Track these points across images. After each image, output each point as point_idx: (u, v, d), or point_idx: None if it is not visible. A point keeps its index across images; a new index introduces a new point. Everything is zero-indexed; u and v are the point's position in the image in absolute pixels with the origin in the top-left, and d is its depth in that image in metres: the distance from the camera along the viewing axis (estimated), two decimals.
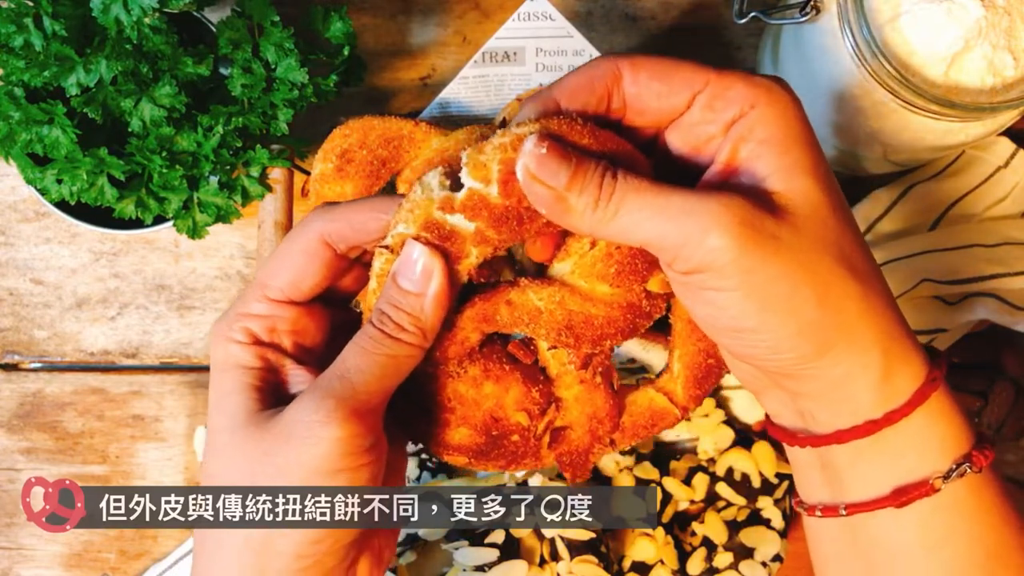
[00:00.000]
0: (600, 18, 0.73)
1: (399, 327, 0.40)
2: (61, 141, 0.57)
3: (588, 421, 0.45)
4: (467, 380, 0.43)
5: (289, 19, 0.60)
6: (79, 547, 0.74)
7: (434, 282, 0.39)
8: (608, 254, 0.42)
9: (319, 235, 0.42)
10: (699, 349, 0.46)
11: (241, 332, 0.42)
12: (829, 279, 0.38)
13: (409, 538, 0.66)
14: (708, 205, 0.36)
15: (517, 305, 0.42)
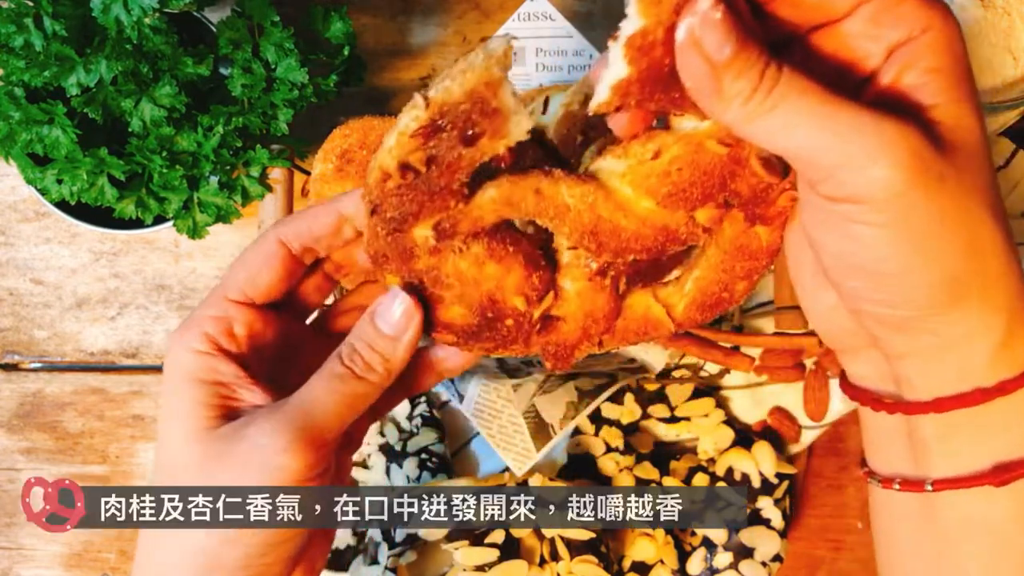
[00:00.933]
0: (600, 18, 0.73)
1: (368, 367, 0.40)
2: (61, 141, 0.57)
3: (584, 318, 0.44)
4: (470, 257, 0.41)
5: (289, 19, 0.60)
6: (79, 547, 0.74)
7: (411, 330, 0.40)
8: (667, 172, 0.39)
9: (275, 236, 0.43)
10: (718, 279, 0.44)
11: (198, 338, 0.42)
12: (980, 228, 0.34)
13: (409, 538, 0.66)
14: (882, 127, 0.32)
15: (546, 196, 0.40)
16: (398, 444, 0.69)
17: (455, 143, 0.38)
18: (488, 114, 0.38)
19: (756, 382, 0.72)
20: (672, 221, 0.40)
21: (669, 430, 0.71)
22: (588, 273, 0.43)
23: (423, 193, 0.39)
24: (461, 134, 0.38)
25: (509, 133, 0.38)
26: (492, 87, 0.38)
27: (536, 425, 0.65)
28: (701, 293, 0.44)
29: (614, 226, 0.40)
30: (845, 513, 0.73)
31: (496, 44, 0.38)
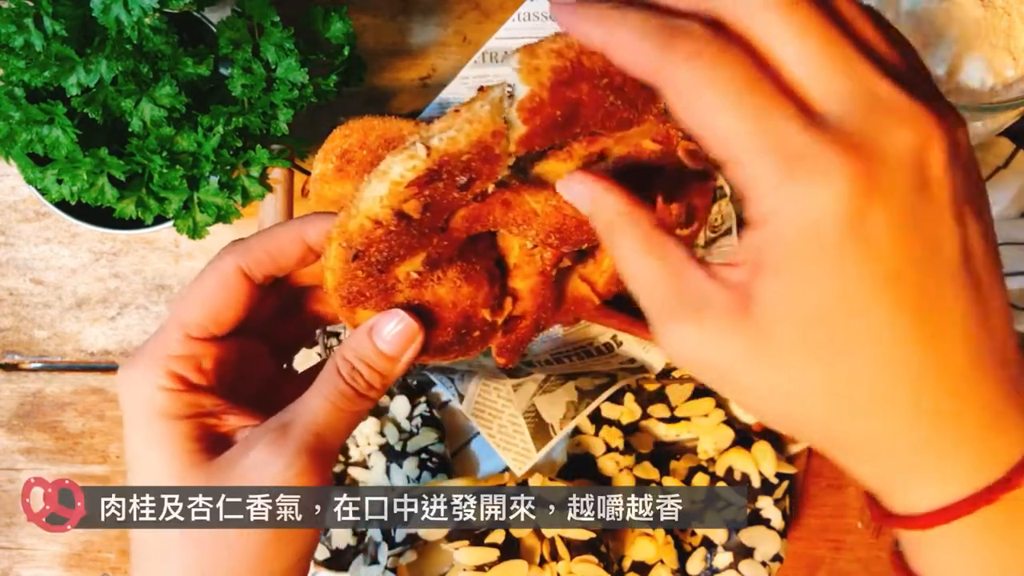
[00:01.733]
0: None
1: (370, 386, 0.41)
2: (61, 141, 0.57)
3: (537, 311, 0.46)
4: (448, 283, 0.43)
5: (289, 19, 0.60)
6: (79, 547, 0.74)
7: (411, 350, 0.41)
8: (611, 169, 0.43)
9: (235, 266, 0.42)
10: None
11: (167, 377, 0.41)
12: None
13: (409, 538, 0.66)
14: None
15: (513, 206, 0.42)
16: (398, 444, 0.69)
17: (451, 189, 0.39)
18: (489, 160, 0.39)
19: None
20: None
21: (669, 430, 0.71)
22: (541, 267, 0.45)
23: (413, 237, 0.40)
24: (457, 181, 0.39)
25: (500, 173, 0.39)
26: (498, 136, 0.38)
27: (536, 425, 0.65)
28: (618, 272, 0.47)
29: (578, 221, 0.42)
30: (845, 513, 0.73)
31: (497, 93, 0.38)
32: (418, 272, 0.42)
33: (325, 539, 0.69)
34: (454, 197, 0.39)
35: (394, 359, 0.41)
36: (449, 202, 0.39)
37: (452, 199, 0.39)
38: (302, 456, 0.38)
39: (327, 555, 0.69)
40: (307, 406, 0.40)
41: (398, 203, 0.39)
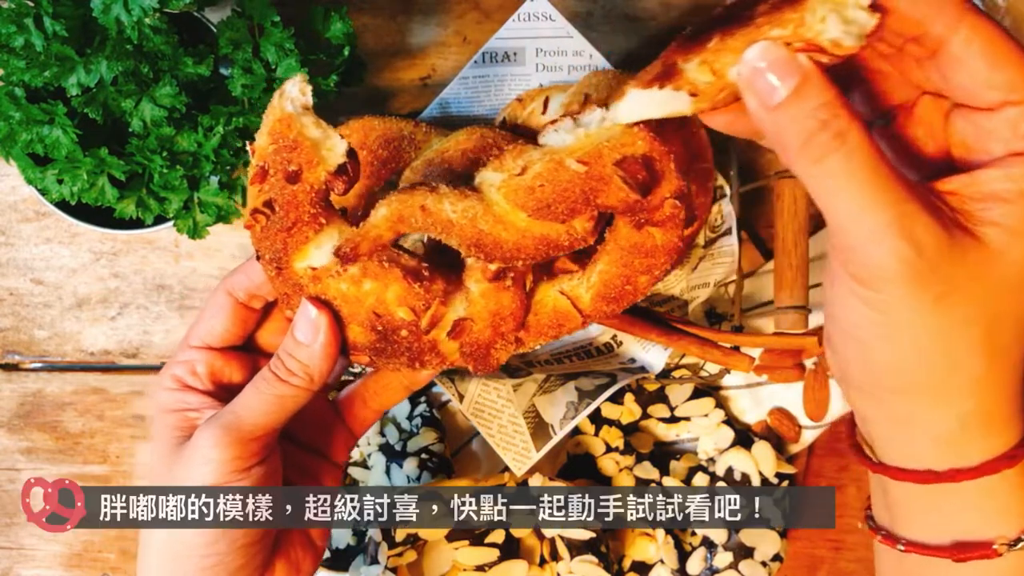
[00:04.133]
0: (600, 19, 0.73)
1: (290, 372, 0.46)
2: (62, 141, 0.57)
3: (491, 316, 0.46)
4: (347, 279, 0.45)
5: (289, 19, 0.60)
6: (79, 547, 0.74)
7: (321, 336, 0.45)
8: (531, 188, 0.42)
9: (223, 288, 0.49)
10: (621, 274, 0.46)
11: (169, 379, 0.49)
12: (961, 354, 0.36)
13: (409, 538, 0.66)
14: (906, 216, 0.33)
15: (431, 212, 0.43)
16: (398, 444, 0.69)
17: (282, 183, 0.43)
18: (294, 149, 0.42)
19: (756, 382, 0.72)
20: (551, 231, 0.43)
21: (669, 430, 0.71)
22: (488, 275, 0.45)
23: (280, 231, 0.44)
24: (284, 173, 0.43)
25: (324, 160, 0.43)
26: (286, 123, 0.42)
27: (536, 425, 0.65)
28: (605, 286, 0.46)
29: (495, 239, 0.43)
30: (845, 513, 0.73)
31: (288, 83, 0.42)
32: (312, 268, 0.45)
33: None
34: (292, 191, 0.43)
35: (304, 344, 0.45)
36: (292, 196, 0.43)
37: (293, 193, 0.43)
38: (217, 430, 0.45)
39: (327, 555, 0.69)
40: (239, 396, 0.47)
41: (252, 202, 0.43)
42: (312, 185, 0.43)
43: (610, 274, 0.46)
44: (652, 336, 0.62)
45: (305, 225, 0.44)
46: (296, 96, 0.42)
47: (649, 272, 0.46)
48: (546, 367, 0.68)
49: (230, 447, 0.45)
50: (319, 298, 0.45)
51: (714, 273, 0.66)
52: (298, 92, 0.42)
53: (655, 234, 0.45)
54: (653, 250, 0.45)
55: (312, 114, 0.43)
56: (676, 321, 0.62)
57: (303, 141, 0.42)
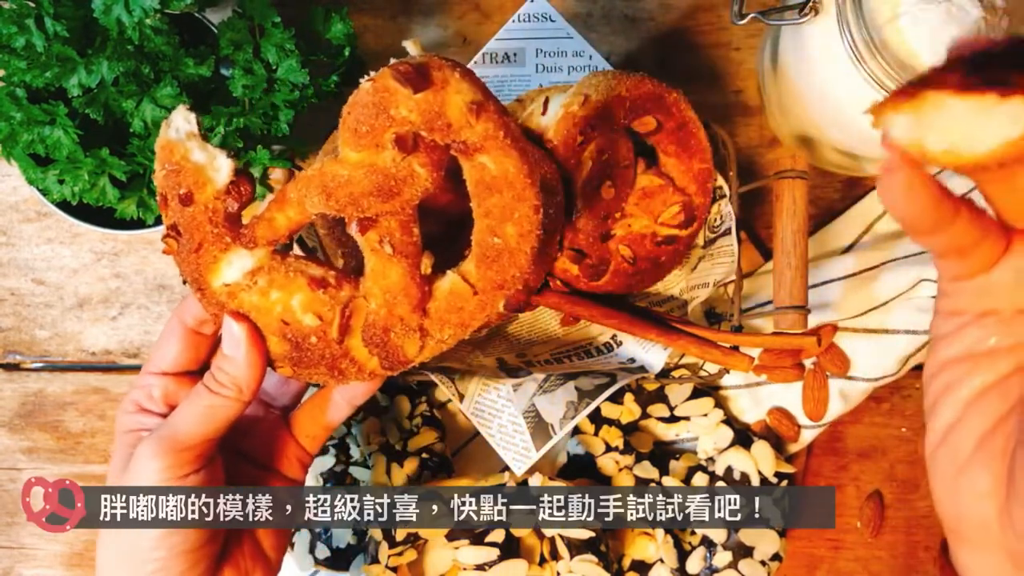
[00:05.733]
0: (600, 19, 0.73)
1: (220, 384, 0.48)
2: (63, 142, 0.57)
3: (382, 294, 0.47)
4: (257, 291, 0.47)
5: (290, 20, 0.60)
6: (80, 547, 0.74)
7: (242, 348, 0.47)
8: (344, 117, 0.44)
9: (176, 315, 0.52)
10: (485, 227, 0.45)
11: (129, 403, 0.52)
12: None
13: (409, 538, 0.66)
14: None
15: (298, 178, 0.45)
16: (398, 444, 0.70)
17: (179, 207, 0.45)
18: (179, 172, 0.45)
19: (755, 382, 0.72)
20: (377, 160, 0.44)
21: (669, 430, 0.71)
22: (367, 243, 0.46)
23: (191, 253, 0.46)
24: (177, 197, 0.45)
25: (210, 180, 0.45)
26: (168, 149, 0.45)
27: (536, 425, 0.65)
28: (479, 246, 0.46)
29: (333, 176, 0.45)
30: (844, 513, 0.73)
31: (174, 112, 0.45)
32: (226, 284, 0.47)
33: (326, 538, 0.69)
34: (190, 213, 0.45)
35: (230, 358, 0.47)
36: (191, 219, 0.45)
37: (191, 216, 0.46)
38: (153, 442, 0.48)
39: (328, 554, 0.69)
40: (175, 410, 0.49)
41: (167, 223, 0.46)
42: (207, 205, 0.45)
43: (479, 232, 0.46)
44: (652, 336, 0.62)
45: (211, 245, 0.46)
46: (180, 124, 0.45)
47: (508, 216, 0.45)
48: (546, 367, 0.68)
49: (165, 456, 0.48)
50: (239, 312, 0.47)
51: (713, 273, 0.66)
52: (182, 120, 0.45)
53: (486, 163, 0.44)
54: (495, 184, 0.44)
55: (197, 138, 0.45)
56: (676, 321, 0.63)
57: (186, 164, 0.45)
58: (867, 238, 0.72)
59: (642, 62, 0.73)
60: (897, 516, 0.72)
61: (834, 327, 0.70)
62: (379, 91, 0.44)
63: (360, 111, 0.44)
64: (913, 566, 0.72)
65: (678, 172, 0.61)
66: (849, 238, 0.72)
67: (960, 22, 0.53)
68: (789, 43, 0.62)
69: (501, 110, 0.44)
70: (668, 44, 0.73)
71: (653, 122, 0.59)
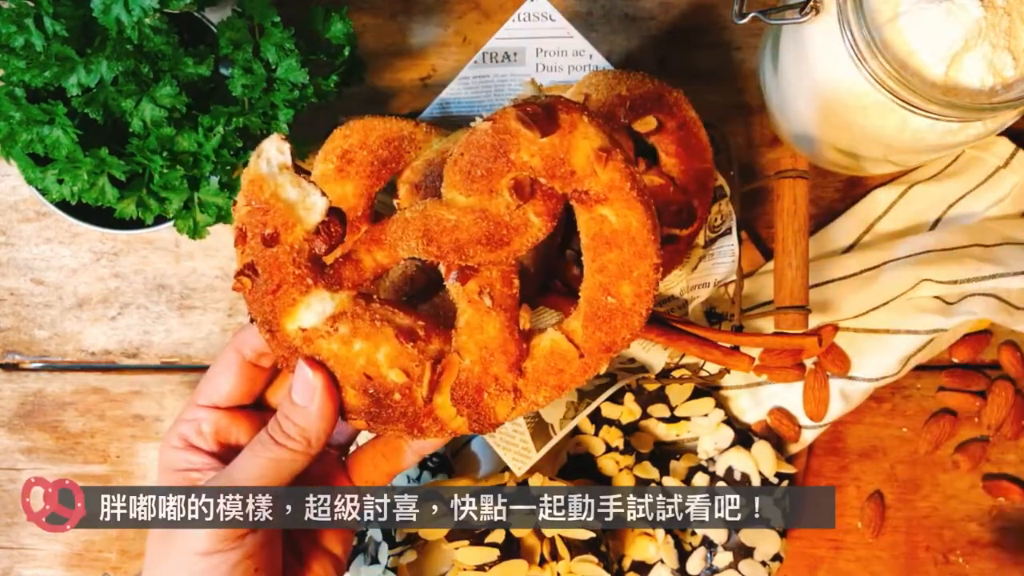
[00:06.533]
0: (600, 18, 0.73)
1: (287, 435, 0.45)
2: (62, 141, 0.57)
3: (478, 350, 0.43)
4: (338, 339, 0.43)
5: (290, 19, 0.60)
6: (80, 547, 0.74)
7: (317, 398, 0.44)
8: (455, 160, 0.42)
9: (233, 347, 0.49)
10: (598, 283, 0.43)
11: (176, 438, 0.49)
12: None
13: (409, 538, 0.66)
14: None
15: (393, 220, 0.43)
16: None
17: (259, 246, 0.42)
18: (267, 212, 0.42)
19: (756, 382, 0.72)
20: (490, 206, 0.42)
21: (669, 430, 0.71)
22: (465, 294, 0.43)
23: (266, 294, 0.43)
24: (260, 237, 0.42)
25: (300, 220, 0.42)
26: (258, 184, 0.41)
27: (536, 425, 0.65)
28: (590, 304, 0.43)
29: (438, 220, 0.42)
30: (845, 513, 0.73)
31: (265, 141, 0.42)
32: (303, 329, 0.43)
33: None
34: (273, 254, 0.42)
35: (300, 407, 0.44)
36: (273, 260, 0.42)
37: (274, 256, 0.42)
38: None
39: None
40: (236, 459, 0.46)
41: (238, 265, 0.42)
42: (292, 246, 0.42)
43: (590, 288, 0.43)
44: (652, 336, 0.62)
45: (291, 287, 0.43)
46: (273, 155, 0.42)
47: (627, 274, 0.42)
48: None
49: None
50: (315, 359, 0.44)
51: (714, 273, 0.66)
52: (275, 151, 0.42)
53: (608, 215, 0.42)
54: (614, 237, 0.42)
55: (290, 172, 0.42)
56: (676, 321, 0.62)
57: (276, 203, 0.41)
58: (868, 238, 0.72)
59: (642, 61, 0.73)
60: (898, 516, 0.72)
61: (835, 327, 0.70)
62: (500, 132, 0.41)
63: (476, 153, 0.41)
64: (914, 567, 0.72)
65: (679, 172, 0.61)
66: (850, 238, 0.72)
67: (960, 21, 0.53)
68: (790, 43, 0.62)
69: (628, 159, 0.42)
70: (669, 43, 0.73)
71: (654, 121, 0.59)
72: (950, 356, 0.72)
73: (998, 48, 0.54)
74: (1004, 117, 0.58)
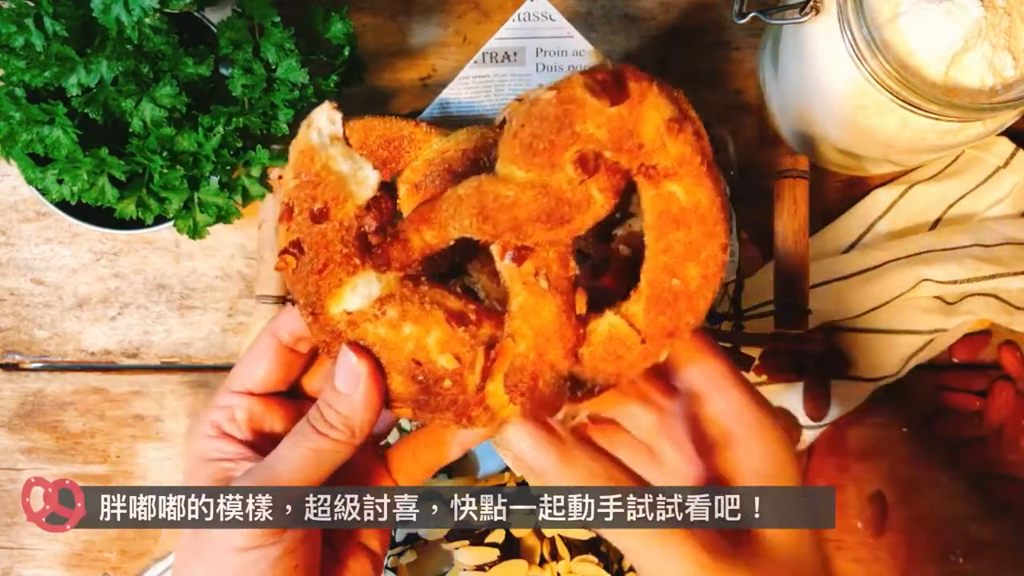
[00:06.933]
0: (600, 18, 0.73)
1: (329, 425, 0.43)
2: (62, 141, 0.57)
3: (533, 335, 0.41)
4: (386, 323, 0.41)
5: (290, 19, 0.60)
6: (80, 547, 0.74)
7: (362, 386, 0.42)
8: (515, 132, 0.39)
9: (268, 330, 0.47)
10: (663, 265, 0.40)
11: (208, 425, 0.46)
12: None
13: (409, 538, 0.66)
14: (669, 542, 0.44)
15: (445, 197, 0.40)
16: None
17: (308, 222, 0.39)
18: (317, 185, 0.39)
19: (756, 382, 0.72)
20: (551, 181, 0.39)
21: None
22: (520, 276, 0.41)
23: (312, 274, 0.40)
24: (309, 212, 0.39)
25: (352, 194, 0.40)
26: (309, 156, 0.39)
27: None
28: (652, 287, 0.41)
29: (495, 196, 0.39)
30: (845, 513, 0.73)
31: (316, 110, 0.39)
32: (348, 312, 0.41)
33: None
34: (321, 230, 0.40)
35: (344, 395, 0.42)
36: (321, 236, 0.40)
37: (322, 232, 0.40)
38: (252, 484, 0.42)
39: None
40: (276, 449, 0.44)
41: (282, 242, 0.40)
42: (342, 223, 0.40)
43: (653, 270, 0.41)
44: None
45: (337, 267, 0.40)
46: (324, 125, 0.39)
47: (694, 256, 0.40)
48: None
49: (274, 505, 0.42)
50: (360, 344, 0.42)
51: None
52: (326, 120, 0.39)
53: (676, 192, 0.39)
54: (684, 217, 0.39)
55: (342, 143, 0.39)
56: None
57: (327, 176, 0.39)
58: (868, 238, 0.72)
59: (643, 61, 0.73)
60: (898, 516, 0.72)
61: (835, 327, 0.70)
62: (565, 102, 0.38)
63: (539, 124, 0.38)
64: (915, 567, 0.72)
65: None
66: (850, 238, 0.72)
67: (960, 21, 0.53)
68: (790, 42, 0.62)
69: (699, 131, 0.39)
70: (668, 43, 0.73)
71: None
72: (950, 356, 0.72)
73: (998, 48, 0.54)
74: (1004, 117, 0.58)
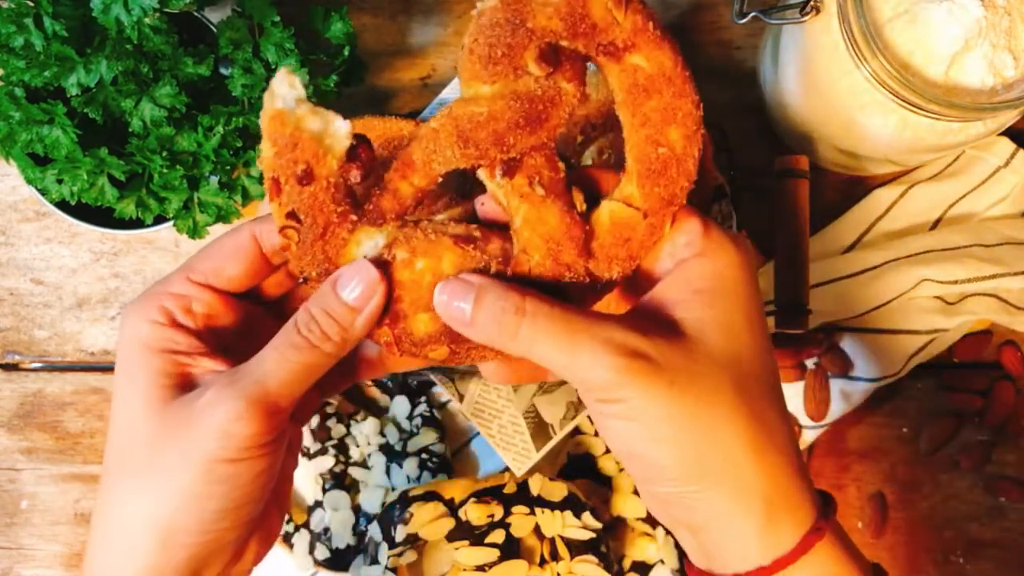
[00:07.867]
0: None
1: (324, 337, 0.40)
2: (61, 141, 0.57)
3: (544, 243, 0.41)
4: (399, 265, 0.41)
5: (289, 19, 0.60)
6: (80, 547, 0.74)
7: (374, 302, 0.40)
8: (470, 50, 0.40)
9: (250, 231, 0.44)
10: (646, 136, 0.41)
11: (157, 310, 0.43)
12: (717, 418, 0.39)
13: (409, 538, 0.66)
14: (602, 336, 0.39)
15: (421, 136, 0.41)
16: (398, 444, 0.70)
17: (296, 188, 0.39)
18: (295, 147, 0.39)
19: None
20: (518, 86, 0.40)
21: None
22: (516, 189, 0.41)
23: (316, 241, 0.40)
24: (295, 177, 0.39)
25: (330, 149, 0.40)
26: (279, 121, 0.39)
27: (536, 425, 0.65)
28: (640, 162, 0.42)
29: (470, 117, 0.40)
30: (845, 513, 0.73)
31: (274, 79, 0.39)
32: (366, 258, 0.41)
33: (325, 539, 0.69)
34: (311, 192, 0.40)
35: (354, 309, 0.40)
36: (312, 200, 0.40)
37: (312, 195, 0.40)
38: (240, 401, 0.39)
39: (327, 555, 0.69)
40: (259, 356, 0.41)
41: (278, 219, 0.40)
42: (328, 180, 0.40)
43: (637, 144, 0.41)
44: None
45: (337, 227, 0.40)
46: (286, 91, 0.39)
47: (672, 119, 0.41)
48: None
49: (254, 422, 0.39)
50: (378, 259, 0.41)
51: None
52: (287, 87, 0.39)
53: (639, 63, 0.40)
54: (652, 84, 0.40)
55: (307, 104, 0.40)
56: None
57: (301, 135, 0.39)
58: (868, 238, 0.72)
59: None
60: (899, 517, 0.72)
61: (835, 327, 0.70)
62: (511, 4, 0.39)
63: (491, 33, 0.39)
64: (915, 567, 0.72)
65: None
66: (850, 238, 0.72)
67: (960, 21, 0.53)
68: (790, 42, 0.62)
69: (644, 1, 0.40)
70: None
71: None
72: (951, 356, 0.72)
73: (998, 48, 0.54)
74: (1004, 117, 0.58)
